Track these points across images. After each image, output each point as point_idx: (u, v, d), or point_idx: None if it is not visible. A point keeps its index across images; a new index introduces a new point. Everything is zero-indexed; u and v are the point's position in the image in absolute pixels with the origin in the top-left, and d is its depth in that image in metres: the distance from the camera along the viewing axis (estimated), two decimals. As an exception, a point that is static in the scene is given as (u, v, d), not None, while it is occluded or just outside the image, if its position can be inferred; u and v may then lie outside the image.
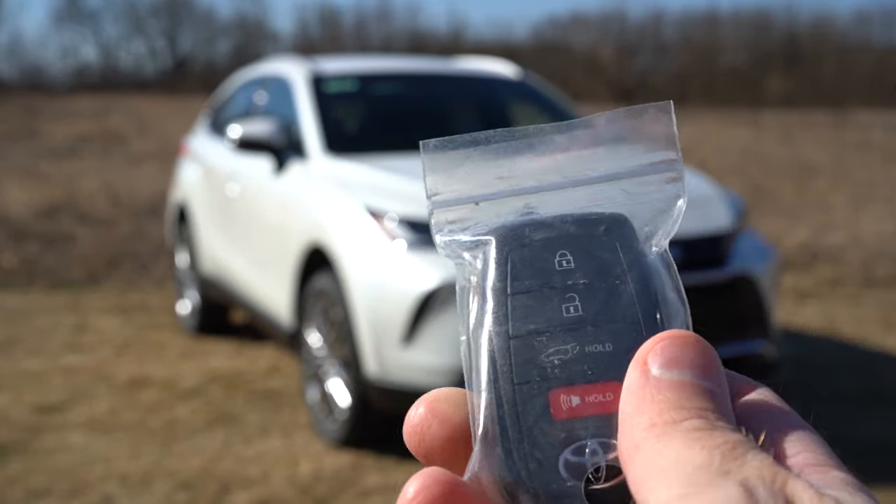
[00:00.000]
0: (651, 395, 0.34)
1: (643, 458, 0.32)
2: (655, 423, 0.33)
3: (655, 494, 0.31)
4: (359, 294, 3.71)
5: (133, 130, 18.68)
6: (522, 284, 0.39)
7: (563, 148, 0.41)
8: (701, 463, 0.31)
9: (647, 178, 0.41)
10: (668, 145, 0.41)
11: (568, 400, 0.36)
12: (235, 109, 5.94)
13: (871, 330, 5.89)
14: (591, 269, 0.39)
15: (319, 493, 3.49)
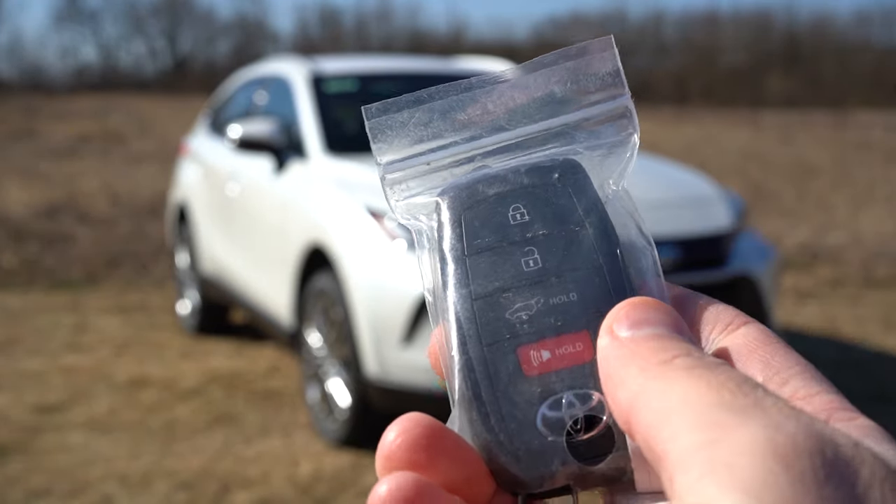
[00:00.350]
0: (630, 350, 0.33)
1: (646, 404, 0.31)
2: (647, 367, 0.32)
3: (676, 442, 0.29)
4: (359, 294, 3.71)
5: (133, 130, 18.68)
6: (480, 243, 0.38)
7: (508, 96, 0.40)
8: (713, 401, 0.29)
9: (597, 118, 0.40)
10: (614, 81, 0.40)
11: (538, 355, 0.36)
12: (235, 109, 5.94)
13: (871, 330, 5.89)
14: (548, 219, 0.38)
15: (319, 493, 3.49)
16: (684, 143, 17.29)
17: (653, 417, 0.30)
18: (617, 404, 0.32)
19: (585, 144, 0.40)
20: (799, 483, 0.26)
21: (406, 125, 0.40)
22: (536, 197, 0.39)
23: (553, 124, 0.40)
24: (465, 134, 0.40)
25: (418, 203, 0.40)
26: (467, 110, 0.40)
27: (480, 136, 0.40)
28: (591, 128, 0.40)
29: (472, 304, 0.37)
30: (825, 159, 15.74)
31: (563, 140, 0.40)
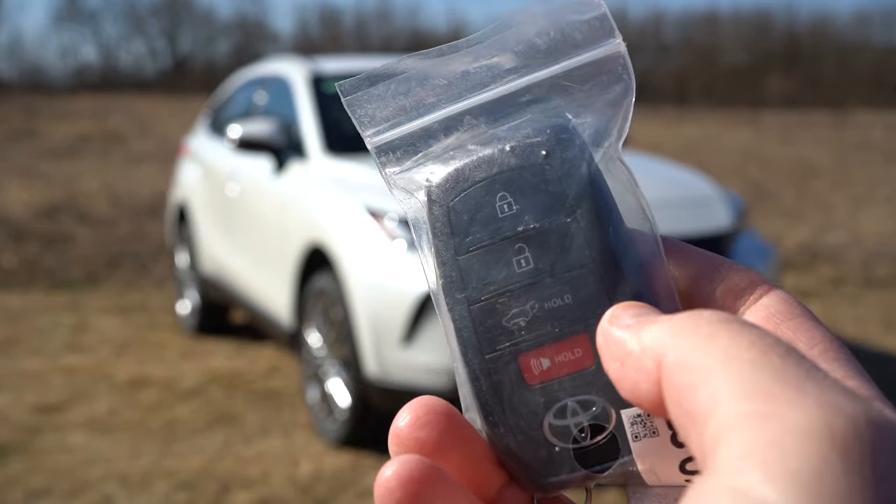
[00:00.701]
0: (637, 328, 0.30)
1: (682, 361, 0.28)
2: (671, 325, 0.29)
3: (719, 408, 0.25)
4: (359, 294, 3.71)
5: (133, 130, 18.69)
6: (470, 240, 0.36)
7: (487, 55, 0.37)
8: (761, 365, 0.26)
9: (586, 67, 0.37)
10: (602, 25, 0.37)
11: (539, 363, 0.35)
12: (235, 109, 5.94)
13: (871, 330, 5.89)
14: (537, 210, 0.35)
15: (319, 493, 3.49)
16: (684, 143, 17.29)
17: (690, 377, 0.27)
18: (638, 372, 0.30)
19: (577, 101, 0.37)
20: (857, 476, 0.23)
21: (384, 97, 0.38)
22: (523, 183, 0.36)
23: (540, 76, 0.37)
24: (448, 96, 0.37)
25: (411, 178, 0.38)
26: (446, 74, 0.37)
27: (464, 96, 0.37)
28: (582, 82, 0.37)
29: (469, 311, 0.36)
30: (825, 159, 15.74)
31: (555, 95, 0.37)
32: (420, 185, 0.38)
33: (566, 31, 0.37)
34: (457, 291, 0.36)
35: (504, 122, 0.37)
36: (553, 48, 0.37)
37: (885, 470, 0.23)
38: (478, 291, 0.36)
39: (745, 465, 0.24)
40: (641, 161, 4.93)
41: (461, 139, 0.37)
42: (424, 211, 0.37)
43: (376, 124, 0.38)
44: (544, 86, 0.37)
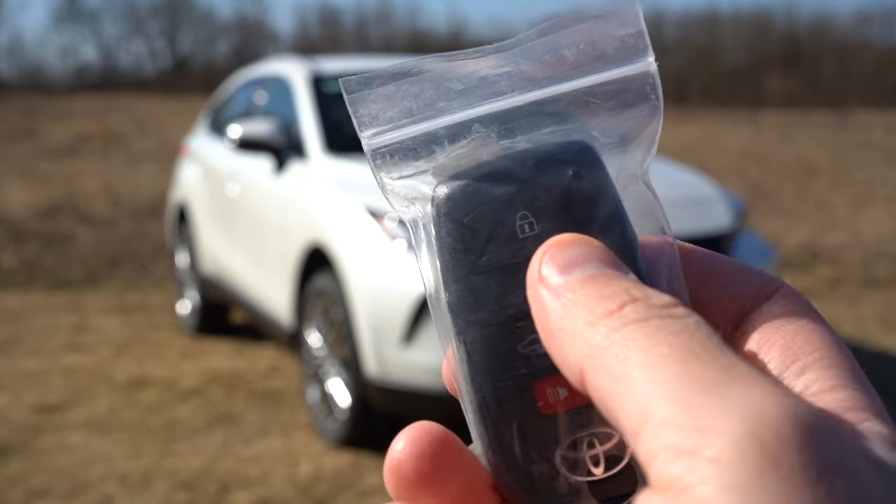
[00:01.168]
0: (568, 300, 0.29)
1: (603, 368, 0.27)
2: (594, 320, 0.28)
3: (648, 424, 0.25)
4: (359, 294, 3.71)
5: (133, 130, 18.69)
6: (486, 260, 0.34)
7: (511, 62, 0.35)
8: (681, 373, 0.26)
9: (612, 84, 0.35)
10: (636, 42, 0.35)
11: (555, 393, 0.33)
12: (235, 109, 5.94)
13: (871, 330, 5.89)
14: (557, 233, 0.33)
15: (319, 493, 3.49)
16: (684, 143, 17.29)
17: (613, 386, 0.27)
18: (567, 365, 0.29)
19: (601, 117, 0.35)
20: (789, 484, 0.23)
21: (391, 97, 0.35)
22: (547, 202, 0.34)
23: (562, 90, 0.35)
24: (460, 102, 0.35)
25: (411, 186, 0.35)
26: (461, 78, 0.35)
27: (477, 103, 0.35)
28: (609, 99, 0.35)
29: (482, 334, 0.34)
30: (825, 159, 15.74)
31: (576, 113, 0.35)
32: (422, 195, 0.35)
33: (598, 43, 0.34)
34: (469, 313, 0.34)
35: (518, 134, 0.35)
36: (581, 61, 0.34)
37: (817, 478, 0.23)
38: (493, 314, 0.34)
39: (684, 484, 0.24)
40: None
41: (469, 149, 0.35)
42: (429, 222, 0.35)
43: (376, 125, 0.36)
44: (566, 100, 0.35)
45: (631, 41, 0.34)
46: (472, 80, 0.35)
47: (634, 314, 0.28)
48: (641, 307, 0.28)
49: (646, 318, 0.28)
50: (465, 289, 0.34)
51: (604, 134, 0.35)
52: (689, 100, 32.73)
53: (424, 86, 0.35)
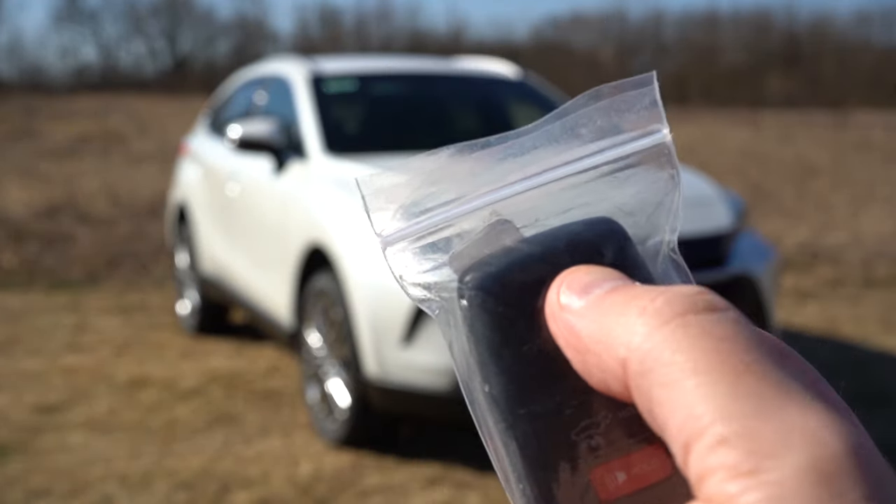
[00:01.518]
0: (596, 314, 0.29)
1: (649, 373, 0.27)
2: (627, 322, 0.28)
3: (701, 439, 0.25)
4: (359, 294, 3.71)
5: (133, 130, 18.68)
6: (527, 349, 0.33)
7: (530, 144, 0.35)
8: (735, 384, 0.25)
9: (631, 161, 0.35)
10: (650, 115, 0.35)
11: (613, 478, 0.32)
12: (235, 109, 5.94)
13: (871, 330, 5.89)
14: None
15: (319, 493, 3.49)
16: (684, 143, 17.29)
17: (660, 392, 0.26)
18: (608, 377, 0.28)
19: (623, 195, 0.35)
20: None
21: (407, 191, 0.34)
22: None
23: (579, 168, 0.35)
24: (478, 189, 0.34)
25: (432, 281, 0.35)
26: (480, 163, 0.34)
27: (495, 189, 0.34)
28: (628, 176, 0.35)
29: (534, 427, 0.32)
30: (825, 159, 15.74)
31: (595, 189, 0.35)
32: (444, 287, 0.34)
33: (614, 119, 0.35)
34: (517, 406, 0.33)
35: (537, 217, 0.35)
36: (597, 138, 0.35)
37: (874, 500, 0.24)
38: (543, 405, 0.33)
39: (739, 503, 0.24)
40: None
41: (487, 236, 0.34)
42: (455, 312, 0.34)
43: (392, 221, 0.35)
44: (584, 178, 0.35)
45: (646, 114, 0.34)
46: (488, 167, 0.34)
47: (670, 308, 0.27)
48: (676, 299, 0.28)
49: (683, 313, 0.27)
50: (509, 381, 0.33)
51: (624, 208, 0.35)
52: (689, 100, 32.73)
53: (439, 177, 0.34)
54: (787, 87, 34.24)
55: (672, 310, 0.27)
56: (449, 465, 3.74)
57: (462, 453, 3.87)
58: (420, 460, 3.79)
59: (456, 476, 3.64)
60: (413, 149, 4.60)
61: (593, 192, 0.35)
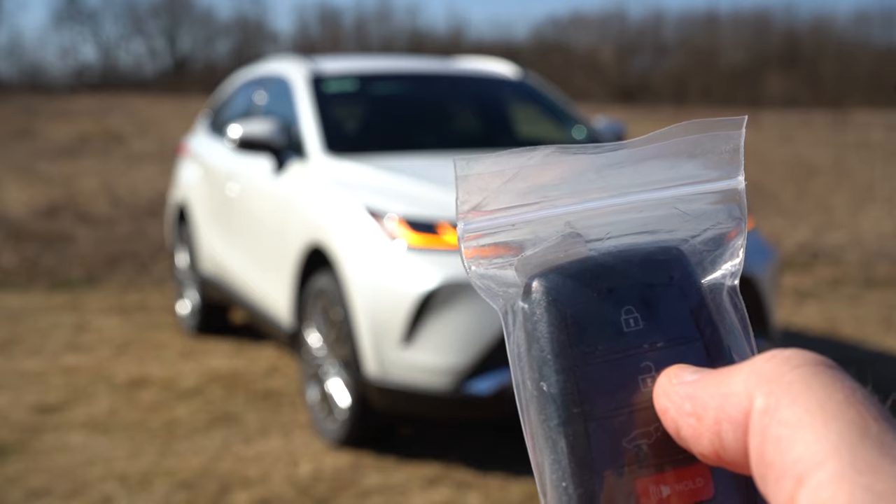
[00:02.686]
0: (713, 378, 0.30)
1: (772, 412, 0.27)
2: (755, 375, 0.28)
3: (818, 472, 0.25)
4: (359, 294, 3.71)
5: (133, 130, 18.68)
6: (591, 352, 0.34)
7: (615, 164, 0.36)
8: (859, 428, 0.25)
9: (704, 197, 0.37)
10: (731, 160, 0.37)
11: (657, 490, 0.33)
12: (235, 109, 5.94)
13: (871, 330, 5.89)
14: (664, 329, 0.34)
15: (319, 493, 3.49)
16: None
17: (779, 430, 0.26)
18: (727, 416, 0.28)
19: (689, 227, 0.36)
20: None
21: (495, 184, 0.36)
22: (648, 300, 0.34)
23: (655, 197, 0.36)
24: (559, 197, 0.36)
25: (500, 277, 0.36)
26: (566, 173, 0.36)
27: (576, 201, 0.36)
28: (697, 210, 0.37)
29: (587, 427, 0.33)
30: (825, 159, 15.74)
31: (665, 216, 0.36)
32: (509, 285, 0.36)
33: (697, 156, 0.36)
34: (573, 405, 0.33)
35: (606, 236, 0.36)
36: (678, 171, 0.36)
37: None
38: (598, 407, 0.33)
39: None
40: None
41: (556, 246, 0.36)
42: (518, 311, 0.35)
43: (473, 211, 0.36)
44: (658, 206, 0.36)
45: (727, 157, 0.37)
46: (574, 177, 0.36)
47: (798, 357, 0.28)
48: (801, 352, 0.28)
49: (811, 363, 0.28)
50: (569, 380, 0.34)
51: (692, 242, 0.37)
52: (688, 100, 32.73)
53: (528, 176, 0.36)
54: (787, 87, 34.24)
55: (800, 359, 0.28)
56: (449, 465, 3.74)
57: (462, 453, 3.87)
58: (420, 460, 3.79)
59: (456, 476, 3.64)
60: (413, 149, 4.60)
61: (666, 221, 0.36)
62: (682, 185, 0.36)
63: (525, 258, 0.36)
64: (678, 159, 0.36)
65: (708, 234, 0.37)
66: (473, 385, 3.46)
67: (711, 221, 0.37)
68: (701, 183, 0.37)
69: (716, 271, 0.36)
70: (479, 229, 0.36)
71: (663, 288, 0.35)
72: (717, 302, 0.36)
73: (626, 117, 20.65)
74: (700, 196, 0.37)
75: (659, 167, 0.36)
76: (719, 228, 0.37)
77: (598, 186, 0.36)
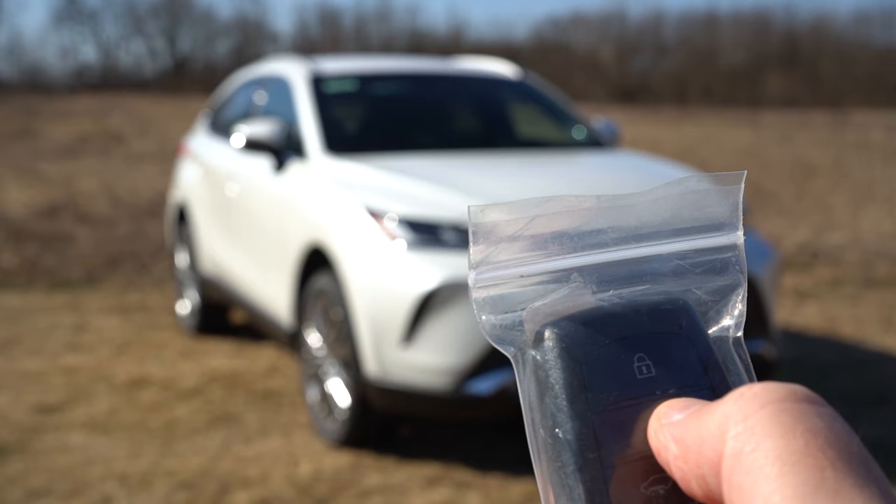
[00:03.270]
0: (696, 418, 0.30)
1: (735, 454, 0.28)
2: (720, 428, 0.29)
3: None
4: (359, 294, 3.71)
5: (133, 130, 18.67)
6: (605, 398, 0.34)
7: (622, 216, 0.38)
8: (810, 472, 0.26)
9: (704, 254, 0.38)
10: (730, 215, 0.38)
11: None
12: (235, 109, 5.94)
13: (871, 330, 5.89)
14: (675, 377, 0.35)
15: (319, 493, 3.49)
16: (684, 143, 17.29)
17: (743, 478, 0.27)
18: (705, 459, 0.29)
19: (695, 281, 0.38)
20: None
21: (511, 226, 0.37)
22: (659, 347, 0.35)
23: (657, 251, 0.38)
24: (568, 248, 0.37)
25: (511, 326, 0.37)
26: (576, 224, 0.37)
27: (583, 252, 0.37)
28: (696, 263, 0.38)
29: (604, 473, 0.33)
30: (824, 159, 15.74)
31: (673, 273, 0.38)
32: (520, 334, 0.36)
33: (697, 211, 0.38)
34: (589, 450, 0.34)
35: (612, 287, 0.37)
36: (680, 225, 0.38)
37: None
38: (615, 453, 0.34)
39: None
40: (640, 161, 4.93)
41: (565, 296, 0.37)
42: (529, 359, 0.36)
43: (488, 260, 0.37)
44: (660, 259, 0.38)
45: (726, 213, 0.38)
46: (583, 228, 0.37)
47: (767, 394, 0.28)
48: (774, 387, 0.28)
49: (781, 400, 0.28)
50: (584, 426, 0.34)
51: (696, 293, 0.38)
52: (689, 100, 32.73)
53: (539, 226, 0.37)
54: (787, 87, 34.23)
55: (769, 395, 0.28)
56: (449, 465, 3.74)
57: (462, 453, 3.87)
58: (420, 460, 3.79)
59: (456, 476, 3.64)
60: (413, 149, 4.60)
61: (671, 273, 0.38)
62: (685, 239, 0.38)
63: (535, 308, 0.36)
64: (681, 212, 0.38)
65: (711, 286, 0.38)
66: (473, 385, 3.47)
67: (714, 274, 0.38)
68: (703, 237, 0.38)
69: (720, 322, 0.38)
70: (491, 279, 0.37)
71: (673, 336, 0.36)
72: (724, 351, 0.37)
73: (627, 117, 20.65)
74: (702, 250, 0.38)
75: (663, 220, 0.38)
76: (721, 281, 0.38)
77: (606, 238, 0.37)
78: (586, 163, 4.94)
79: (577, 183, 4.29)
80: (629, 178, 4.49)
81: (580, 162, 4.99)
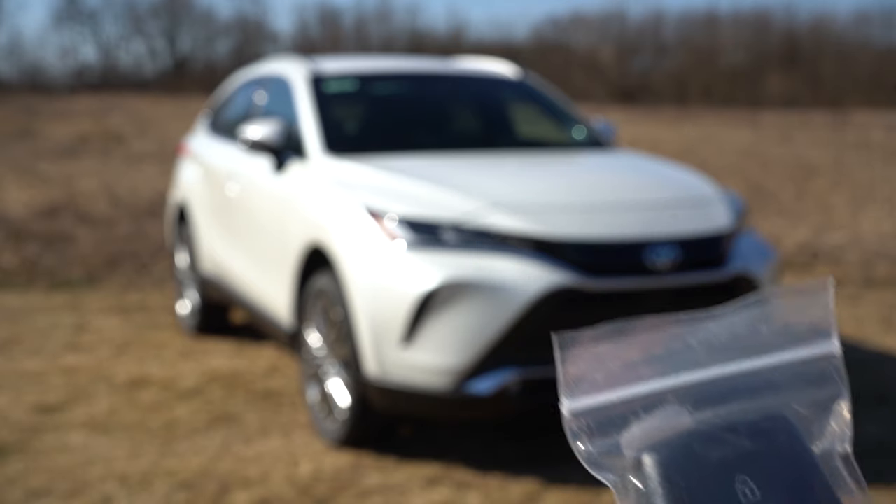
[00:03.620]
0: None
1: None
2: None
3: None
4: (359, 294, 3.71)
5: (133, 130, 18.67)
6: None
7: (712, 333, 0.37)
8: None
9: (801, 366, 0.37)
10: (822, 324, 0.37)
11: None
12: (235, 109, 5.94)
13: (871, 330, 5.89)
14: (778, 498, 0.34)
15: (319, 493, 3.49)
16: (684, 143, 17.29)
17: None
18: None
19: (793, 396, 0.37)
20: None
21: (601, 353, 0.36)
22: (762, 468, 0.35)
23: (753, 366, 0.37)
24: (659, 369, 0.36)
25: (610, 450, 0.36)
26: (666, 346, 0.37)
27: (676, 372, 0.36)
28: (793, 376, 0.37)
29: None
30: (824, 159, 15.74)
31: (769, 388, 0.37)
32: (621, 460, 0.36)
33: (790, 322, 0.37)
34: None
35: (708, 407, 0.36)
36: (773, 338, 0.37)
37: None
38: None
39: None
40: (640, 161, 4.93)
41: (662, 420, 0.36)
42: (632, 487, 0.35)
43: (584, 396, 0.36)
44: (756, 375, 0.37)
45: (819, 322, 0.37)
46: (674, 347, 0.36)
47: None
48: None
49: None
50: None
51: (796, 408, 0.37)
52: (689, 100, 32.74)
53: (628, 350, 0.36)
54: (787, 87, 34.23)
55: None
56: (449, 465, 3.74)
57: (462, 453, 3.87)
58: (420, 460, 3.79)
59: (456, 476, 3.64)
60: (413, 149, 4.60)
61: (767, 388, 0.37)
62: (777, 352, 0.37)
63: (633, 433, 0.36)
64: (771, 326, 0.37)
65: (810, 398, 0.37)
66: (473, 385, 3.47)
67: (812, 386, 0.37)
68: (796, 349, 0.37)
69: (824, 437, 0.37)
70: (585, 407, 0.36)
71: (774, 456, 0.35)
72: (831, 467, 0.36)
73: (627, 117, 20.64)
74: (797, 362, 0.37)
75: (753, 335, 0.37)
76: (821, 393, 0.37)
77: (697, 357, 0.37)
78: (586, 163, 4.94)
79: (577, 183, 4.29)
80: (629, 179, 4.49)
81: (580, 162, 4.99)
